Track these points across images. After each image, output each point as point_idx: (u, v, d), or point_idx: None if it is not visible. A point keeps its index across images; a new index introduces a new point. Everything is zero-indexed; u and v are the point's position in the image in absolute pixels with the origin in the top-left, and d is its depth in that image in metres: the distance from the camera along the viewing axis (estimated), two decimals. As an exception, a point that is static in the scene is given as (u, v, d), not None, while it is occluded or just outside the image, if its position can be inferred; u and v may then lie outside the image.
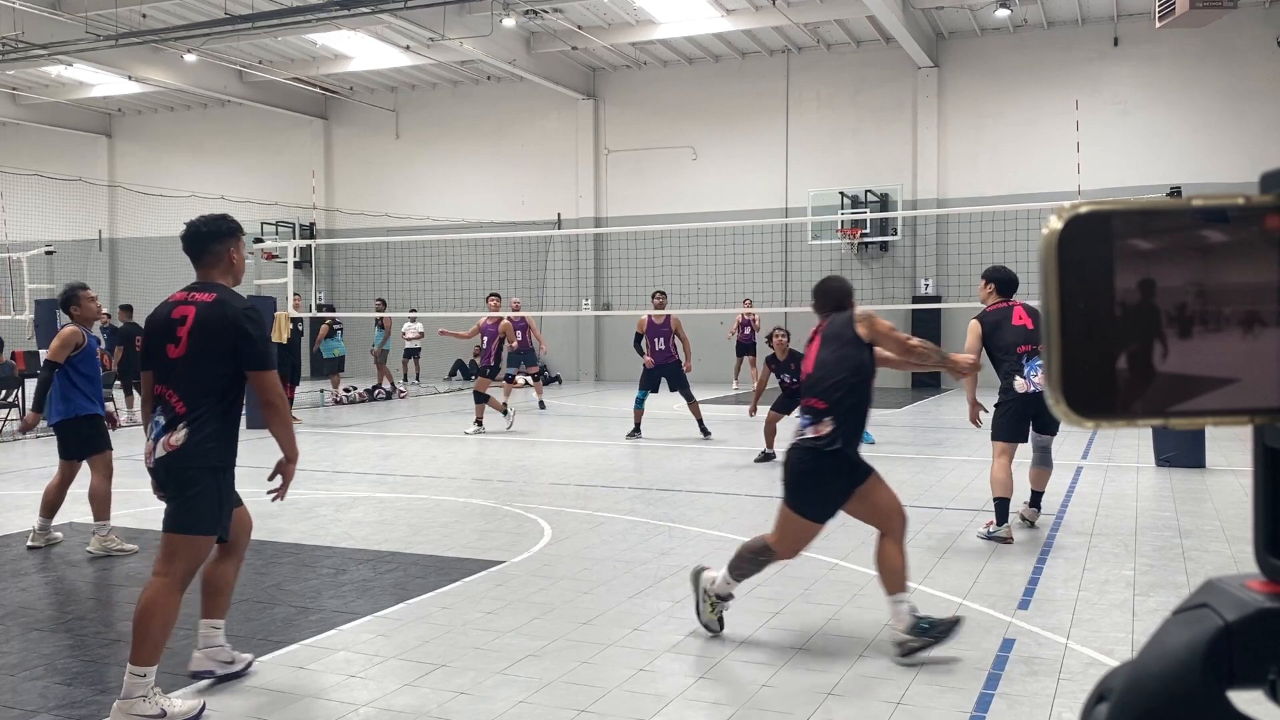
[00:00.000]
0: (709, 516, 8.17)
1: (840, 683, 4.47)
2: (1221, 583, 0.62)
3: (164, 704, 4.09)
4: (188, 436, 4.14)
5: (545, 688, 4.44)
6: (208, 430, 4.17)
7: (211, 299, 4.25)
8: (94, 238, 29.06)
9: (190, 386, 4.17)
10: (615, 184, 24.11)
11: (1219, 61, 19.41)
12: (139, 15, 19.54)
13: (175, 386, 4.19)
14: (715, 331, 21.88)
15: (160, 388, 4.23)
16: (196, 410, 4.16)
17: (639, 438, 13.28)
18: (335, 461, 11.61)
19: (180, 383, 4.18)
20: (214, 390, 4.19)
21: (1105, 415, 0.60)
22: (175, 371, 4.20)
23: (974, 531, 7.47)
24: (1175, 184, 16.95)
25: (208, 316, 4.20)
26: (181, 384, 4.18)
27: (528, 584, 6.15)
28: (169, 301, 4.34)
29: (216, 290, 4.30)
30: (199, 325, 4.19)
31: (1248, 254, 0.60)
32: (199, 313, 4.21)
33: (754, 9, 19.73)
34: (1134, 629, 5.21)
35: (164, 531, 4.28)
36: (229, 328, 4.19)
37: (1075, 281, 0.59)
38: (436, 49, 21.23)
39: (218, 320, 4.19)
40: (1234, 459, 10.42)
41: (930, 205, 20.99)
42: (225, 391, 4.22)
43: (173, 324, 4.23)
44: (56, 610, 5.77)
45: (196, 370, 4.18)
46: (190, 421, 4.15)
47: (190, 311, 4.22)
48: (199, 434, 4.15)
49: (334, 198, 26.38)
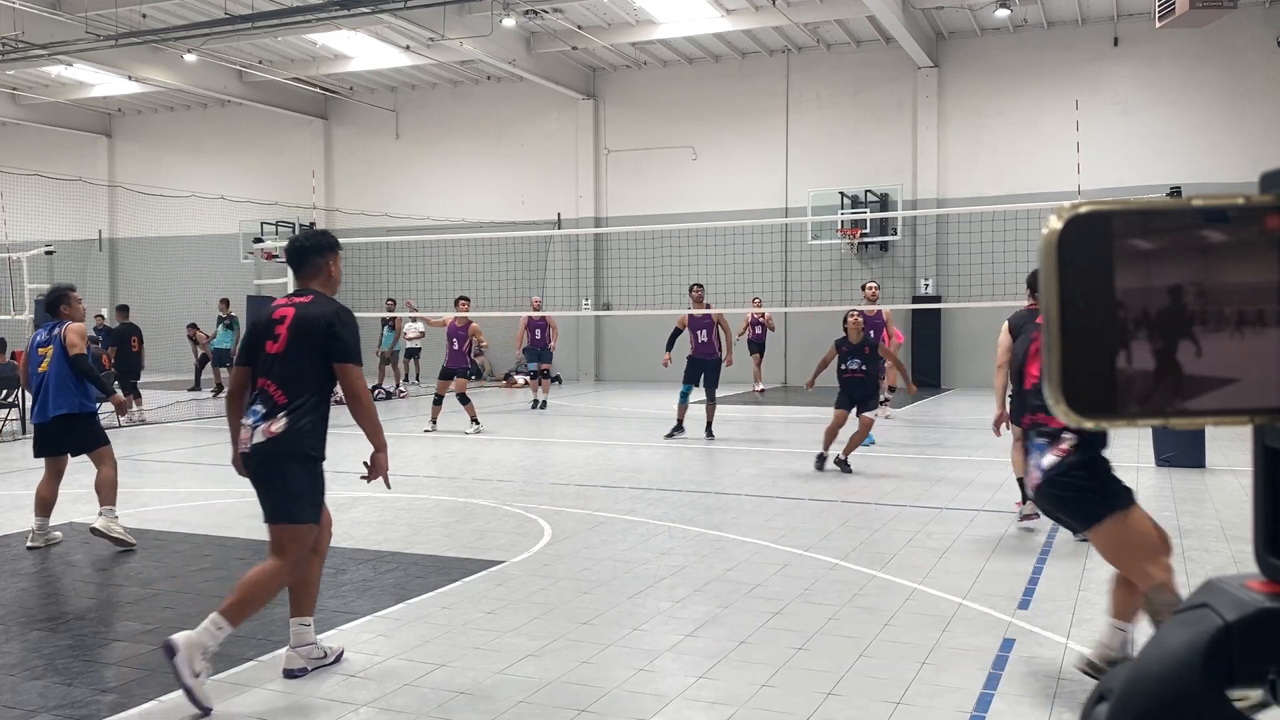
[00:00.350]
0: (709, 516, 8.17)
1: (840, 683, 4.47)
2: (1221, 583, 0.62)
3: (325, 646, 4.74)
4: (288, 424, 4.49)
5: (545, 688, 4.44)
6: (304, 420, 4.54)
7: (309, 300, 4.68)
8: (94, 238, 29.05)
9: (288, 379, 4.55)
10: (615, 184, 24.11)
11: (1219, 61, 19.40)
12: (139, 15, 19.53)
13: (275, 379, 4.56)
14: (715, 331, 21.87)
15: (261, 380, 4.60)
16: (295, 401, 4.53)
17: (682, 434, 13.05)
18: (335, 461, 11.55)
19: (279, 376, 4.56)
20: (310, 384, 4.59)
21: (1105, 415, 0.60)
22: (274, 366, 4.57)
23: (974, 531, 7.47)
24: (1175, 184, 16.94)
25: (304, 316, 4.60)
26: (280, 377, 4.56)
27: (528, 584, 6.16)
28: (272, 306, 4.77)
29: (313, 294, 4.72)
30: (296, 323, 4.59)
31: (1248, 254, 0.60)
32: (297, 313, 4.62)
33: (754, 9, 19.72)
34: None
35: (269, 523, 4.55)
36: (322, 325, 4.57)
37: (1075, 281, 0.59)
38: (436, 49, 21.23)
39: (313, 319, 4.58)
40: (1234, 459, 10.42)
41: (930, 205, 20.98)
42: (320, 386, 4.63)
43: (273, 323, 4.64)
44: (56, 610, 5.77)
45: (293, 364, 4.56)
46: (290, 411, 4.51)
47: (290, 312, 4.64)
48: (298, 423, 4.51)
49: (334, 198, 26.37)
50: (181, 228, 26.64)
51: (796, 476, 10.13)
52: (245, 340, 4.81)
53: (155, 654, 4.99)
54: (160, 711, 4.26)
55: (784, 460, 11.24)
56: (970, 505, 8.49)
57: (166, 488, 9.82)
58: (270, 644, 5.05)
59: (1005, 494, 9.00)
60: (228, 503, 9.03)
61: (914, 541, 7.15)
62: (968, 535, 7.38)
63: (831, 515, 8.11)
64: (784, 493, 9.17)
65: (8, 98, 26.49)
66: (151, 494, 9.42)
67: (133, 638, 5.25)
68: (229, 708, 4.27)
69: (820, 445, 10.39)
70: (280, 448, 4.47)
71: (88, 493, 9.46)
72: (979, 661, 4.73)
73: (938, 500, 8.77)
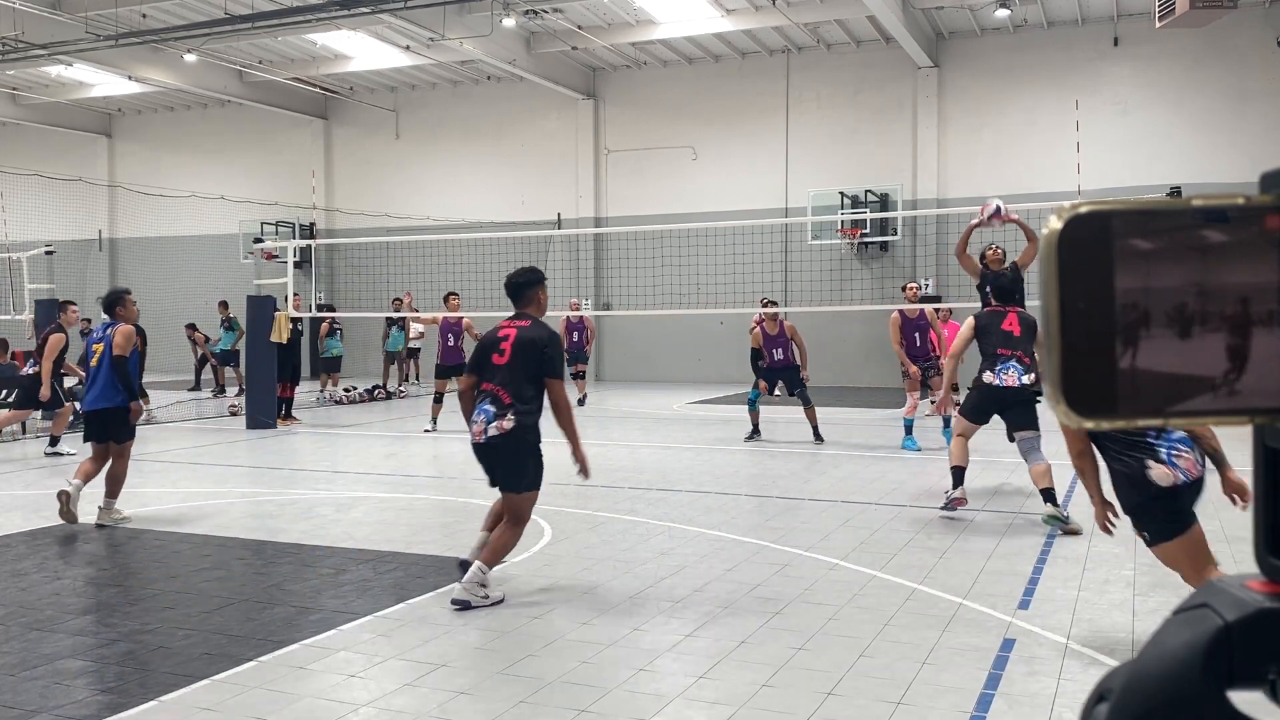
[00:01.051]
0: (709, 516, 8.17)
1: (840, 683, 4.47)
2: (1221, 583, 0.62)
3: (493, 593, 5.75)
4: (516, 421, 5.69)
5: (545, 688, 4.44)
6: (528, 417, 5.74)
7: (527, 324, 5.93)
8: (94, 238, 29.04)
9: (513, 385, 5.75)
10: (615, 184, 24.11)
11: (1219, 61, 19.40)
12: (139, 15, 19.53)
13: (502, 385, 5.77)
14: (716, 331, 21.90)
15: (488, 385, 5.81)
16: (519, 402, 5.72)
17: (759, 439, 12.78)
18: (335, 461, 11.61)
19: (504, 382, 5.76)
20: (528, 389, 5.76)
21: (1105, 415, 0.60)
22: (500, 374, 5.79)
23: (974, 531, 7.48)
24: (1175, 184, 16.95)
25: (524, 337, 5.84)
26: (506, 383, 5.76)
27: (528, 584, 6.16)
28: (498, 327, 6.01)
29: (530, 319, 5.97)
30: (518, 343, 5.82)
31: (1248, 254, 0.60)
32: (519, 334, 5.86)
33: (754, 9, 19.72)
34: (1134, 629, 5.21)
35: (505, 493, 5.86)
36: (538, 346, 5.81)
37: (1075, 281, 0.59)
38: (436, 49, 21.22)
39: (530, 342, 5.82)
40: (1234, 459, 10.40)
41: (930, 205, 20.97)
42: (536, 392, 5.79)
43: (499, 340, 5.87)
44: (56, 610, 5.77)
45: (515, 374, 5.76)
46: (516, 411, 5.71)
47: (513, 333, 5.87)
48: (524, 420, 5.72)
49: (334, 198, 26.37)
50: (181, 228, 26.64)
51: (796, 476, 10.14)
52: (475, 353, 6.01)
53: (155, 654, 5.00)
54: (160, 711, 4.26)
55: (784, 460, 11.25)
56: (970, 505, 8.49)
57: (166, 488, 9.82)
58: (270, 644, 5.05)
59: (1005, 494, 9.00)
60: (228, 503, 9.03)
61: (914, 541, 7.15)
62: (968, 535, 7.38)
63: (831, 515, 8.11)
64: (784, 493, 9.17)
65: (8, 98, 26.48)
66: (152, 494, 9.42)
67: (133, 638, 5.25)
68: (229, 708, 4.27)
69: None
70: (511, 439, 5.69)
71: (87, 493, 9.48)
72: (979, 661, 4.73)
73: (937, 500, 8.77)
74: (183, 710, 4.26)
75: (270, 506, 8.85)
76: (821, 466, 10.79)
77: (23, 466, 11.35)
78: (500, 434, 5.68)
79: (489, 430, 5.70)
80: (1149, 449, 4.51)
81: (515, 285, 6.12)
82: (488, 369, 5.84)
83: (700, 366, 22.99)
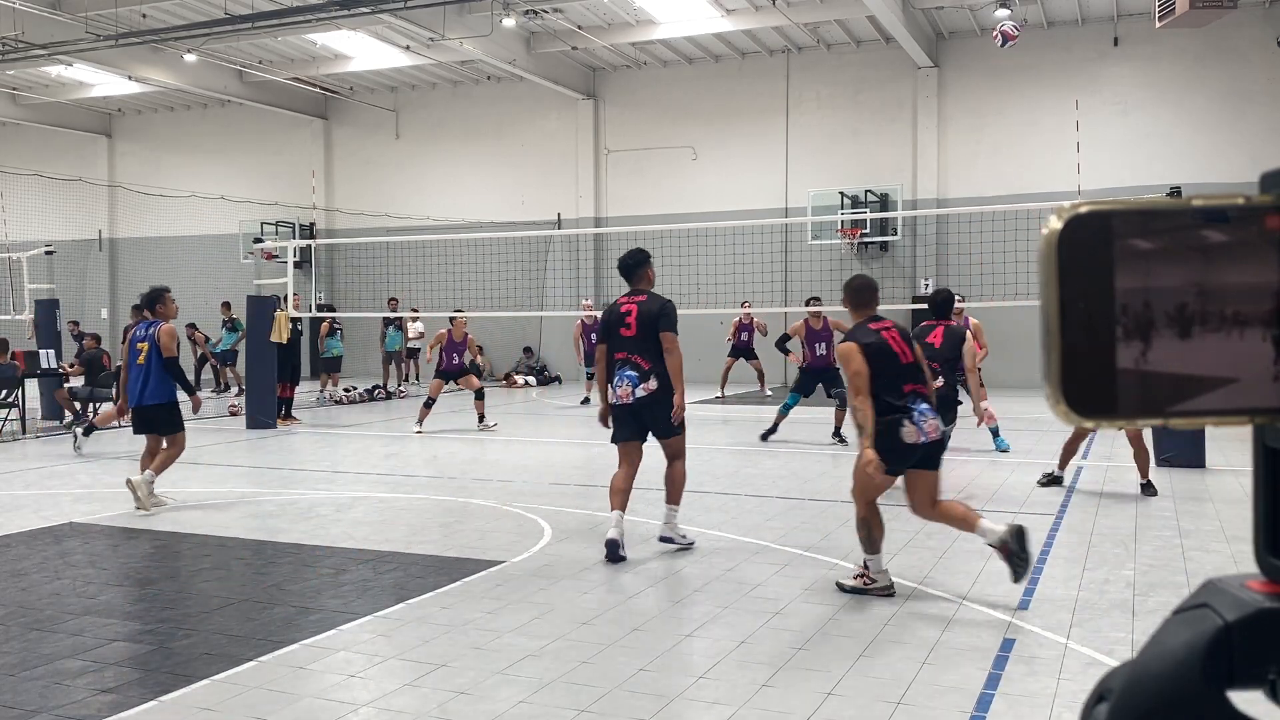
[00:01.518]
0: (709, 516, 8.17)
1: (840, 683, 4.47)
2: (1221, 583, 0.62)
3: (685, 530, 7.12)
4: (657, 381, 6.72)
5: (545, 688, 4.44)
6: (664, 377, 6.74)
7: (644, 298, 6.90)
8: (94, 238, 29.04)
9: (645, 352, 6.75)
10: (615, 184, 24.11)
11: (1219, 61, 19.40)
12: (139, 15, 19.53)
13: (636, 353, 6.76)
14: (716, 331, 21.88)
15: (622, 354, 6.80)
16: (654, 366, 6.74)
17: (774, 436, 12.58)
18: (335, 461, 11.60)
19: (637, 350, 6.76)
20: (655, 353, 6.75)
21: (1105, 415, 0.59)
22: (630, 344, 6.79)
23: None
24: (1175, 184, 16.94)
25: (645, 310, 6.82)
26: (639, 351, 6.76)
27: (528, 584, 6.15)
28: (618, 302, 6.99)
29: (645, 294, 6.95)
30: (641, 316, 6.80)
31: (1248, 254, 0.60)
32: (640, 308, 6.83)
33: (754, 9, 19.72)
34: (1134, 629, 5.21)
35: (664, 439, 6.86)
36: (655, 314, 6.79)
37: (1075, 281, 0.59)
38: (436, 49, 21.22)
39: (650, 311, 6.80)
40: (1234, 459, 10.42)
41: (930, 205, 20.98)
42: (660, 354, 6.75)
43: (623, 315, 6.84)
44: (56, 610, 5.77)
45: (645, 342, 6.75)
46: (655, 373, 6.73)
47: (634, 308, 6.84)
48: (661, 379, 6.74)
49: (334, 198, 26.37)
50: (181, 228, 26.64)
51: (796, 476, 10.13)
52: (603, 327, 7.02)
53: (155, 654, 4.99)
54: (160, 711, 4.26)
55: (784, 460, 11.24)
56: (970, 505, 8.48)
57: (166, 488, 9.82)
58: (270, 644, 5.05)
59: (1005, 494, 9.00)
60: (228, 503, 9.04)
61: (914, 541, 7.15)
62: (968, 535, 7.37)
63: (831, 515, 8.11)
64: (784, 493, 9.17)
65: (8, 98, 26.48)
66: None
67: (133, 638, 5.25)
68: (229, 708, 4.27)
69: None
70: (657, 396, 6.73)
71: (88, 493, 9.49)
72: (979, 661, 4.73)
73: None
74: (183, 710, 4.26)
75: (270, 506, 8.84)
76: (822, 466, 10.79)
77: (23, 466, 11.35)
78: (648, 394, 6.73)
79: (636, 392, 6.73)
80: (906, 412, 5.59)
81: (628, 266, 7.04)
82: (617, 340, 6.84)
83: (700, 366, 22.94)
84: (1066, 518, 7.95)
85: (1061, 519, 7.91)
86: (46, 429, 14.59)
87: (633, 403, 6.73)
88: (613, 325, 6.86)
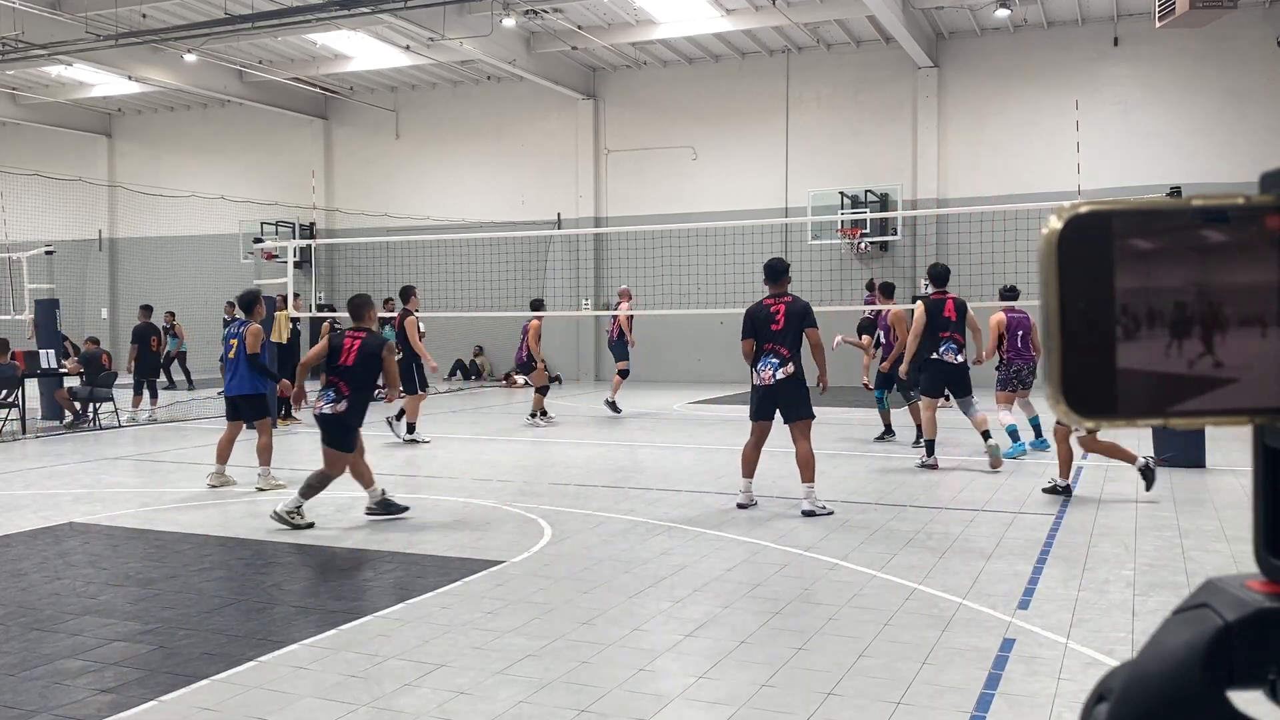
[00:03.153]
0: (709, 517, 8.17)
1: (840, 683, 4.47)
2: (1221, 583, 0.62)
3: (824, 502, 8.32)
4: (794, 368, 8.04)
5: (545, 688, 4.44)
6: (799, 365, 8.06)
7: (791, 300, 8.20)
8: (94, 238, 29.04)
9: (787, 344, 8.06)
10: (615, 184, 24.11)
11: (1219, 61, 19.40)
12: (139, 15, 19.52)
13: (781, 344, 8.05)
14: (716, 331, 21.87)
15: (769, 345, 8.06)
16: (793, 355, 8.05)
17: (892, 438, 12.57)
18: (335, 461, 11.58)
19: (783, 342, 8.05)
20: (796, 346, 8.08)
21: (1105, 415, 0.59)
22: (777, 337, 8.05)
23: (974, 531, 7.47)
24: (1175, 184, 16.93)
25: (792, 310, 8.11)
26: (784, 343, 8.05)
27: (528, 584, 6.15)
28: (764, 303, 8.24)
29: (792, 295, 8.26)
30: (789, 314, 8.08)
31: (1248, 254, 0.59)
32: (787, 308, 8.12)
33: (754, 9, 19.72)
34: (1134, 629, 5.21)
35: (795, 421, 8.12)
36: (801, 313, 8.10)
37: (1075, 281, 0.59)
38: (436, 49, 21.22)
39: (796, 311, 8.11)
40: (1234, 459, 10.42)
41: (930, 205, 20.97)
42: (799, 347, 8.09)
43: (773, 314, 8.11)
44: (56, 610, 5.77)
45: (789, 335, 8.06)
46: (795, 362, 8.05)
47: (782, 308, 8.13)
48: (798, 367, 8.06)
49: (334, 198, 26.37)
50: (181, 228, 26.63)
51: (796, 476, 10.11)
52: (750, 323, 8.18)
53: (155, 654, 5.00)
54: (160, 711, 4.26)
55: (784, 460, 11.23)
56: (969, 505, 8.49)
57: (166, 488, 9.82)
58: (270, 644, 5.05)
59: (1005, 494, 9.00)
60: (228, 502, 9.03)
61: (914, 541, 7.15)
62: (968, 535, 7.38)
63: (831, 515, 8.11)
64: (784, 493, 9.17)
65: (8, 98, 26.48)
66: (152, 494, 9.42)
67: (133, 638, 5.25)
68: (229, 707, 4.27)
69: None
70: (795, 379, 8.03)
71: (88, 493, 9.49)
72: (979, 661, 4.73)
73: (937, 501, 8.77)
74: (183, 710, 4.26)
75: (270, 506, 8.84)
76: (821, 467, 10.77)
77: (23, 466, 11.35)
78: (786, 376, 8.00)
79: (777, 375, 8.00)
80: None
81: (775, 271, 8.36)
82: (765, 334, 8.08)
83: (701, 366, 23.00)
84: (1066, 518, 7.95)
85: (1061, 519, 7.91)
86: (46, 429, 14.59)
87: (773, 384, 7.99)
88: (764, 322, 8.11)
